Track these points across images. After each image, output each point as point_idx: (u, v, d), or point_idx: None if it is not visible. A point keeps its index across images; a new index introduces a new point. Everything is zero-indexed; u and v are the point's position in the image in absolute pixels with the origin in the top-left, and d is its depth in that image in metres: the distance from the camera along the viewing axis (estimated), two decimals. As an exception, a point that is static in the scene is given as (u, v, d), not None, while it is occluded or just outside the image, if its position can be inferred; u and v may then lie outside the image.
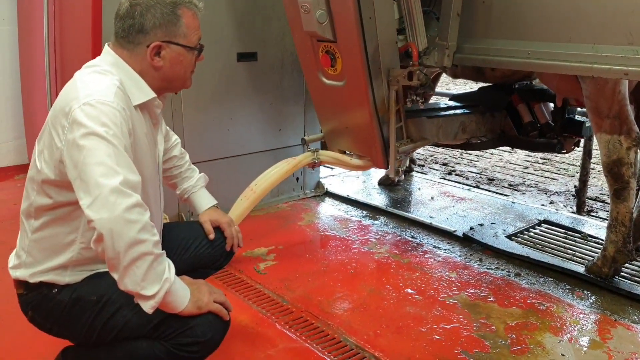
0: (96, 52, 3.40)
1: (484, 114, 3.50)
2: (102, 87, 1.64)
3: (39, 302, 1.77)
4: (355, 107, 3.08)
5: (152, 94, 1.78)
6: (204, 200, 2.27)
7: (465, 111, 3.49)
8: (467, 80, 4.93)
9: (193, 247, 2.14)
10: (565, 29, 2.53)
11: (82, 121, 1.54)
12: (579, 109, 3.56)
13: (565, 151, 3.45)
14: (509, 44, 2.76)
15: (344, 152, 3.38)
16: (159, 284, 1.57)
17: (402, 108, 3.05)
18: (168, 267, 1.62)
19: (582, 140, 3.95)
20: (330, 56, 3.00)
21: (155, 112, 1.84)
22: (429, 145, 4.75)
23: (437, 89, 4.41)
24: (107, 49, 1.78)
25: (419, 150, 6.00)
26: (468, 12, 2.89)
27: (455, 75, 3.66)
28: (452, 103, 3.66)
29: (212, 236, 2.16)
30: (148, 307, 1.58)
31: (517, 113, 3.51)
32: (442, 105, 3.63)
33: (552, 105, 3.46)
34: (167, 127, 2.16)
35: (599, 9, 2.40)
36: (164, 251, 1.61)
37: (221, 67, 3.68)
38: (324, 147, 3.57)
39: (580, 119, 3.38)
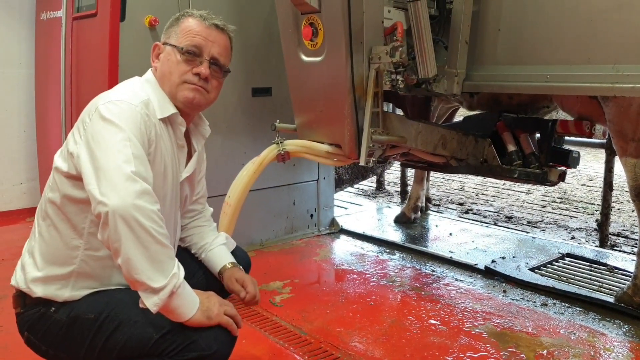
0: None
1: (467, 135, 3.30)
2: (129, 93, 1.70)
3: (36, 321, 1.70)
4: (332, 85, 2.91)
5: (173, 110, 1.79)
6: (224, 257, 2.04)
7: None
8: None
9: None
10: (583, 50, 2.50)
11: (103, 114, 1.60)
12: (566, 137, 3.35)
13: (549, 183, 3.14)
14: (526, 69, 2.72)
15: None
16: (165, 277, 1.50)
17: (381, 92, 2.87)
18: (178, 266, 1.55)
19: (603, 172, 3.89)
20: (313, 28, 2.89)
21: (179, 131, 1.83)
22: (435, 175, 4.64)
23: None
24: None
25: (434, 191, 5.93)
26: (482, 40, 2.88)
27: (471, 106, 3.62)
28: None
29: (243, 294, 1.92)
30: (152, 303, 1.50)
31: (502, 142, 3.27)
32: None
33: (538, 135, 3.24)
34: (205, 190, 2.13)
35: (617, 29, 2.38)
36: (173, 248, 1.55)
37: (236, 102, 3.69)
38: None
39: (567, 149, 3.17)
